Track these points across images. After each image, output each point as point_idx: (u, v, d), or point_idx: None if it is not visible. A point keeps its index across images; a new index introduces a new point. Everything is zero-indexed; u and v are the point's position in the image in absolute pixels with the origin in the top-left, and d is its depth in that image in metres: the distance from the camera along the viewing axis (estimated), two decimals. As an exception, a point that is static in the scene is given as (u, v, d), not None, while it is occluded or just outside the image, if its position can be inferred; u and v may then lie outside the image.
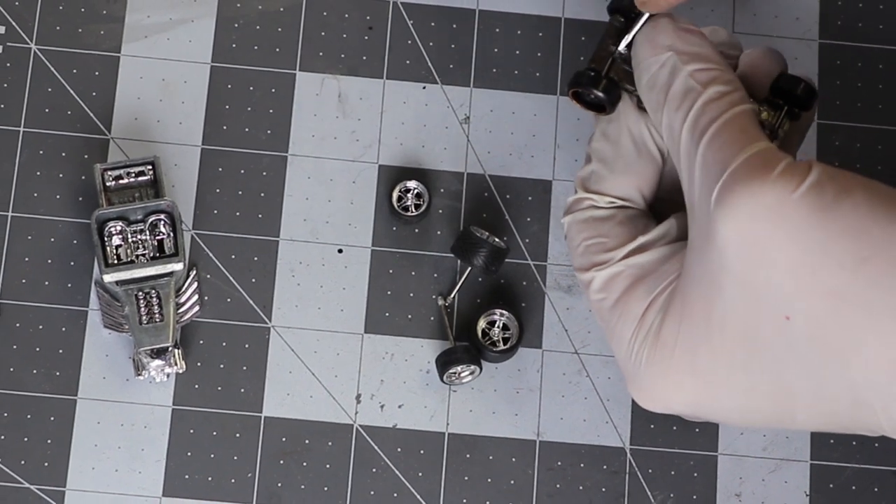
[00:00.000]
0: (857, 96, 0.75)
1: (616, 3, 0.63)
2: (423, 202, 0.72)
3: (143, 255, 0.70)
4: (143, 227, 0.70)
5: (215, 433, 0.70)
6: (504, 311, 0.71)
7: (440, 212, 0.73)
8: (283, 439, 0.70)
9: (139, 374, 0.70)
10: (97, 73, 0.74)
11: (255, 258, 0.72)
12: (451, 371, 0.70)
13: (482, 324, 0.71)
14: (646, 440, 0.71)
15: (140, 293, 0.69)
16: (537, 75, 0.75)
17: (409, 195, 0.73)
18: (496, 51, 0.75)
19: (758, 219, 0.54)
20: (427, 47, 0.75)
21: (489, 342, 0.71)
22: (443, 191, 0.73)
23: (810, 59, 0.75)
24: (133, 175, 0.71)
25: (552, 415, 0.71)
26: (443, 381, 0.70)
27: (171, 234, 0.70)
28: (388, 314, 0.72)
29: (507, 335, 0.71)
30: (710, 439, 0.71)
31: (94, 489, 0.69)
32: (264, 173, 0.73)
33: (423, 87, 0.74)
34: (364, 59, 0.75)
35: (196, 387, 0.71)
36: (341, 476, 0.70)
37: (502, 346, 0.71)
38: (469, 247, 0.70)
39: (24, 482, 0.69)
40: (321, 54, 0.75)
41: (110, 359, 0.71)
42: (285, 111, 0.74)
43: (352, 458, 0.70)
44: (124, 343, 0.71)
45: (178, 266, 0.70)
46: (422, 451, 0.71)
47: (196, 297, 0.71)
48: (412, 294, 0.72)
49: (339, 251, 0.73)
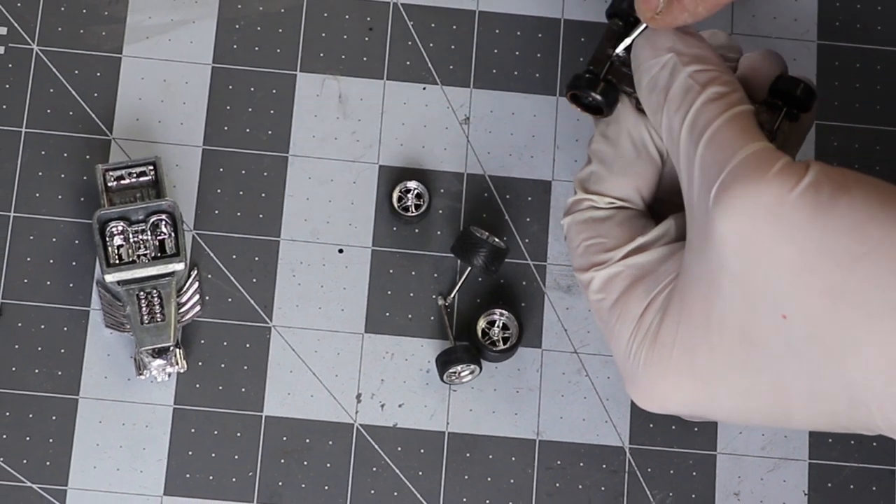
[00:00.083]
0: (855, 97, 0.75)
1: (615, 7, 0.63)
2: (424, 202, 0.72)
3: (145, 255, 0.70)
4: (144, 227, 0.70)
5: (216, 432, 0.70)
6: (504, 311, 0.71)
7: (440, 212, 0.73)
8: (284, 438, 0.70)
9: (140, 374, 0.70)
10: (99, 74, 0.74)
11: (256, 258, 0.72)
12: (451, 370, 0.70)
13: (482, 323, 0.71)
14: (645, 439, 0.71)
15: (141, 293, 0.69)
16: (537, 76, 0.75)
17: (410, 195, 0.73)
18: (496, 52, 0.75)
19: (755, 217, 0.54)
20: (427, 48, 0.75)
21: (489, 342, 0.71)
22: (443, 191, 0.73)
23: (809, 60, 0.75)
24: (134, 175, 0.70)
25: (552, 414, 0.71)
26: (443, 380, 0.70)
27: (173, 234, 0.70)
28: (388, 314, 0.72)
29: (506, 335, 0.71)
30: (709, 438, 0.71)
31: (95, 488, 0.69)
32: (265, 174, 0.73)
33: (424, 88, 0.75)
34: (364, 60, 0.75)
35: (197, 386, 0.71)
36: (342, 475, 0.70)
37: (502, 346, 0.71)
38: (469, 247, 0.70)
39: (26, 481, 0.69)
40: (322, 55, 0.75)
41: (112, 358, 0.71)
42: (286, 112, 0.74)
43: (352, 457, 0.70)
44: (126, 343, 0.71)
45: (179, 266, 0.70)
46: (422, 450, 0.71)
47: (197, 296, 0.71)
48: (412, 294, 0.72)
49: (340, 251, 0.73)
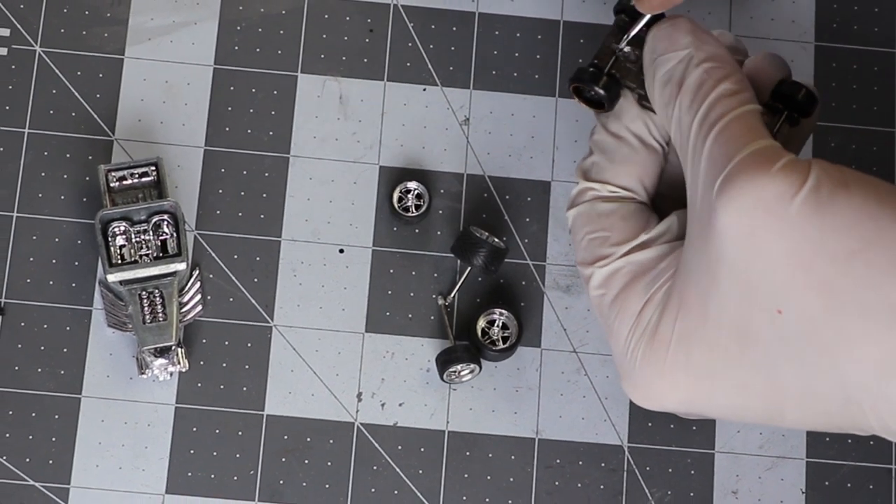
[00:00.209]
0: (852, 98, 0.75)
1: (622, 4, 0.63)
2: (424, 203, 0.72)
3: (147, 255, 0.70)
4: (146, 227, 0.70)
5: (218, 431, 0.70)
6: (503, 311, 0.71)
7: (440, 212, 0.73)
8: (285, 437, 0.70)
9: (143, 373, 0.70)
10: (101, 76, 0.74)
11: (258, 258, 0.72)
12: (451, 370, 0.70)
13: (482, 323, 0.71)
14: (643, 438, 0.71)
15: (143, 293, 0.70)
16: (536, 77, 0.75)
17: (410, 196, 0.73)
18: (496, 53, 0.75)
19: (756, 210, 0.54)
20: (427, 50, 0.75)
21: (489, 341, 0.71)
22: (443, 191, 0.74)
23: (806, 61, 0.75)
24: (137, 176, 0.71)
25: (551, 413, 0.71)
26: (443, 379, 0.71)
27: (175, 235, 0.70)
28: (388, 313, 0.72)
29: (506, 334, 0.71)
30: (708, 437, 0.71)
31: (98, 486, 0.70)
32: (266, 174, 0.73)
33: (424, 89, 0.75)
34: (365, 61, 0.75)
35: (199, 385, 0.71)
36: (342, 473, 0.70)
37: (501, 345, 0.71)
38: (469, 247, 0.70)
39: (29, 479, 0.69)
40: (322, 56, 0.75)
41: (114, 358, 0.71)
42: (287, 113, 0.74)
43: (353, 455, 0.70)
44: (128, 342, 0.71)
45: (181, 266, 0.70)
46: (422, 448, 0.71)
47: (199, 296, 0.71)
48: (412, 294, 0.72)
49: (341, 251, 0.73)
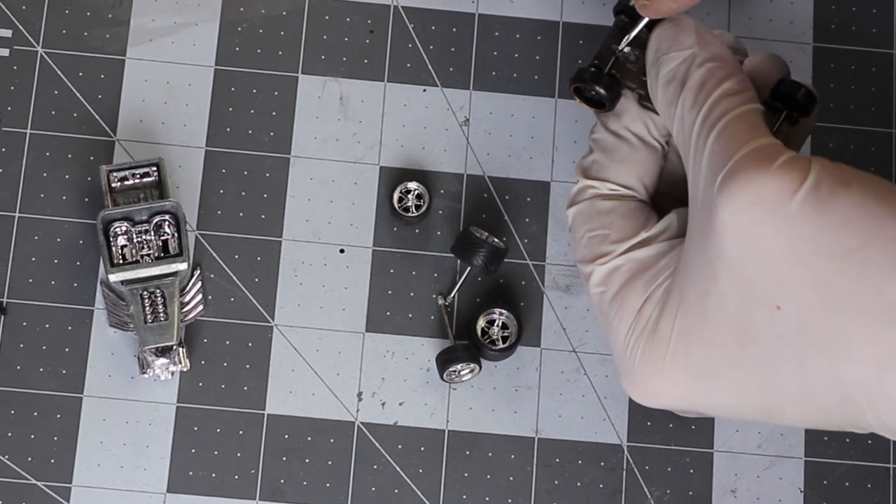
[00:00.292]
0: (850, 99, 0.75)
1: (622, 5, 0.63)
2: (424, 203, 0.73)
3: (148, 255, 0.70)
4: (147, 227, 0.70)
5: (219, 430, 0.70)
6: (503, 311, 0.71)
7: (440, 212, 0.73)
8: (286, 436, 0.70)
9: (144, 373, 0.70)
10: (103, 76, 0.74)
11: (259, 258, 0.72)
12: (451, 369, 0.70)
13: (481, 323, 0.71)
14: (643, 437, 0.71)
15: (145, 292, 0.70)
16: (536, 78, 0.75)
17: (410, 196, 0.73)
18: (495, 54, 0.75)
19: (756, 206, 0.54)
20: (427, 50, 0.75)
21: (488, 341, 0.71)
22: (443, 192, 0.74)
23: (805, 62, 0.75)
24: (138, 176, 0.71)
25: (550, 412, 0.72)
26: (443, 379, 0.71)
27: (176, 235, 0.70)
28: (388, 313, 0.72)
29: (506, 334, 0.71)
30: (706, 436, 0.72)
31: (99, 485, 0.70)
32: (267, 175, 0.73)
33: (424, 90, 0.75)
34: (365, 62, 0.75)
35: (200, 385, 0.71)
36: (343, 472, 0.70)
37: (501, 345, 0.71)
38: (469, 247, 0.70)
39: (31, 478, 0.69)
40: (323, 57, 0.75)
41: (116, 357, 0.71)
42: (288, 113, 0.74)
43: (353, 454, 0.71)
44: (129, 342, 0.71)
45: (182, 266, 0.70)
46: (422, 447, 0.71)
47: (200, 296, 0.71)
48: (413, 293, 0.72)
49: (341, 251, 0.73)
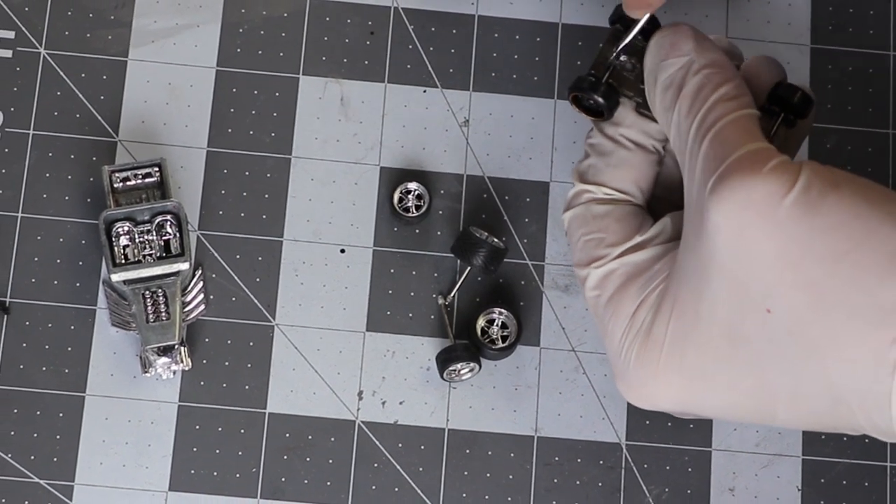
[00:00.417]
0: (848, 100, 0.75)
1: (617, 14, 0.64)
2: (424, 203, 0.73)
3: (150, 254, 0.70)
4: (149, 227, 0.70)
5: (220, 429, 0.71)
6: (503, 310, 0.71)
7: (440, 213, 0.74)
8: (287, 435, 0.71)
9: (146, 372, 0.70)
10: (105, 77, 0.74)
11: (260, 258, 0.73)
12: (450, 368, 0.70)
13: (481, 322, 0.71)
14: (641, 436, 0.72)
15: (147, 292, 0.70)
16: (535, 79, 0.75)
17: (410, 196, 0.73)
18: (495, 55, 0.75)
19: (747, 209, 0.54)
20: (427, 52, 0.75)
21: (488, 340, 0.71)
22: (443, 192, 0.74)
23: (802, 63, 0.75)
24: (140, 177, 0.71)
25: (550, 411, 0.72)
26: (443, 378, 0.71)
27: (178, 235, 0.70)
28: (389, 313, 0.72)
29: (505, 333, 0.71)
30: (704, 435, 0.72)
31: (101, 484, 0.70)
32: (268, 175, 0.73)
33: (424, 91, 0.75)
34: (366, 63, 0.75)
35: (202, 384, 0.71)
36: (343, 471, 0.71)
37: (501, 344, 0.71)
38: (468, 247, 0.70)
39: (34, 477, 0.70)
40: (324, 59, 0.75)
41: (118, 356, 0.71)
42: (289, 114, 0.74)
43: (354, 453, 0.71)
44: (131, 341, 0.71)
45: (184, 266, 0.70)
46: (422, 446, 0.71)
47: (202, 296, 0.71)
48: (413, 293, 0.73)
49: (342, 251, 0.73)
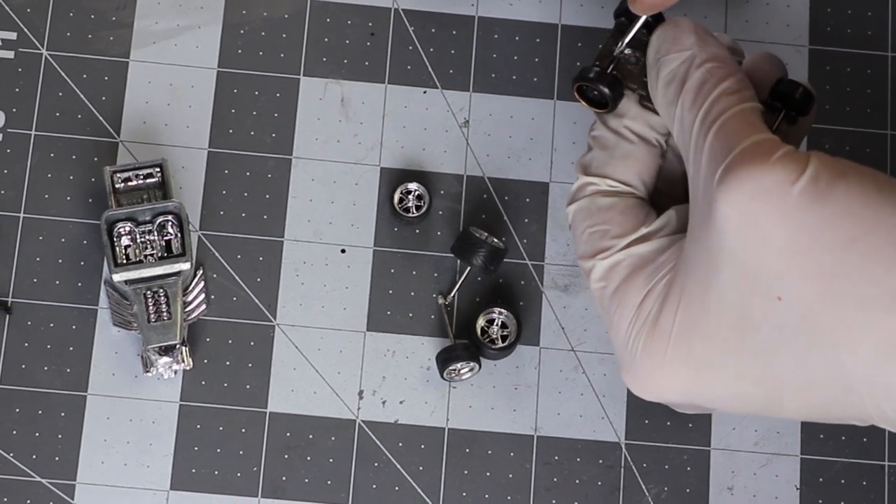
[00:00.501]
0: (846, 100, 0.75)
1: (622, 7, 0.64)
2: (424, 203, 0.73)
3: (152, 255, 0.70)
4: (151, 227, 0.70)
5: (221, 428, 0.71)
6: (502, 310, 0.72)
7: (440, 213, 0.74)
8: (288, 434, 0.71)
9: (147, 371, 0.70)
10: (107, 78, 0.74)
11: (261, 258, 0.73)
12: (451, 368, 0.70)
13: (481, 322, 0.71)
14: (640, 435, 0.72)
15: (148, 292, 0.70)
16: (535, 80, 0.75)
17: (410, 197, 0.73)
18: (495, 56, 0.75)
19: (756, 198, 0.54)
20: (427, 53, 0.75)
21: (488, 340, 0.71)
22: (443, 192, 0.74)
23: (801, 64, 0.76)
24: (141, 177, 0.71)
25: (549, 410, 0.72)
26: (443, 377, 0.71)
27: (179, 235, 0.70)
28: (389, 312, 0.72)
29: (505, 333, 0.72)
30: (703, 434, 0.72)
31: (103, 483, 0.70)
32: (269, 175, 0.74)
33: (424, 92, 0.75)
34: (366, 64, 0.75)
35: (203, 383, 0.71)
36: (344, 470, 0.71)
37: (501, 344, 0.71)
38: (468, 247, 0.70)
39: (36, 476, 0.70)
40: (324, 60, 0.75)
41: (119, 356, 0.71)
42: (289, 115, 0.74)
43: (354, 452, 0.71)
44: (133, 341, 0.71)
45: (185, 266, 0.70)
46: (422, 445, 0.71)
47: (203, 295, 0.71)
48: (413, 293, 0.73)
49: (342, 251, 0.73)
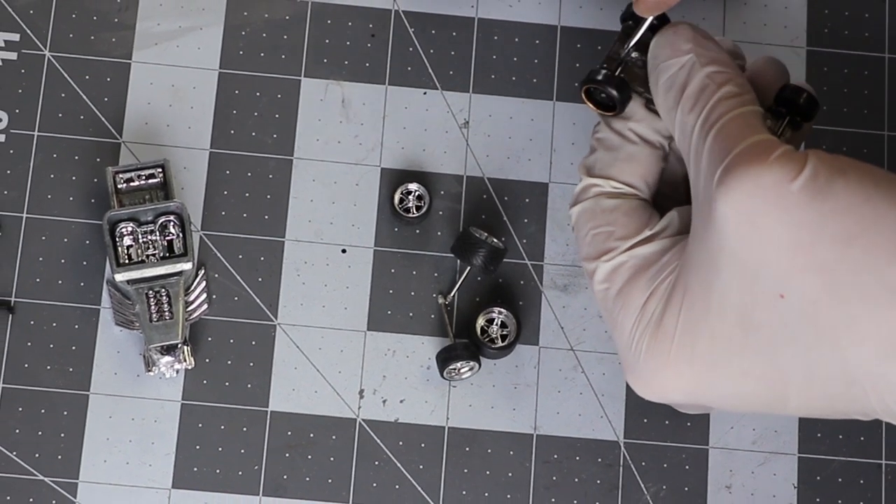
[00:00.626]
0: (843, 102, 0.76)
1: (628, 11, 0.64)
2: (424, 204, 0.73)
3: (154, 254, 0.70)
4: (153, 227, 0.70)
5: (223, 427, 0.71)
6: (502, 310, 0.72)
7: (440, 213, 0.74)
8: (289, 433, 0.71)
9: (149, 371, 0.70)
10: (109, 80, 0.74)
11: (262, 258, 0.73)
12: (450, 367, 0.70)
13: (481, 321, 0.72)
14: (639, 434, 0.72)
15: (150, 292, 0.70)
16: (534, 81, 0.75)
17: (411, 197, 0.73)
18: (494, 58, 0.75)
19: (755, 197, 0.55)
20: (427, 54, 0.75)
21: (488, 339, 0.71)
22: (443, 193, 0.74)
23: (798, 66, 0.76)
24: (144, 178, 0.71)
25: (549, 410, 0.72)
26: (443, 376, 0.71)
27: (181, 235, 0.70)
28: (390, 312, 0.73)
29: (505, 332, 0.72)
30: (702, 433, 0.72)
31: (105, 481, 0.70)
32: (270, 176, 0.74)
33: (424, 93, 0.75)
34: (367, 65, 0.75)
35: (204, 382, 0.71)
36: (345, 469, 0.71)
37: (500, 343, 0.71)
38: (468, 247, 0.70)
39: (39, 474, 0.70)
40: (325, 61, 0.75)
41: (121, 355, 0.71)
42: (291, 116, 0.74)
43: (355, 451, 0.71)
44: (135, 340, 0.71)
45: (187, 265, 0.70)
46: (423, 444, 0.71)
47: (204, 295, 0.72)
48: (413, 293, 0.73)
49: (343, 251, 0.73)
